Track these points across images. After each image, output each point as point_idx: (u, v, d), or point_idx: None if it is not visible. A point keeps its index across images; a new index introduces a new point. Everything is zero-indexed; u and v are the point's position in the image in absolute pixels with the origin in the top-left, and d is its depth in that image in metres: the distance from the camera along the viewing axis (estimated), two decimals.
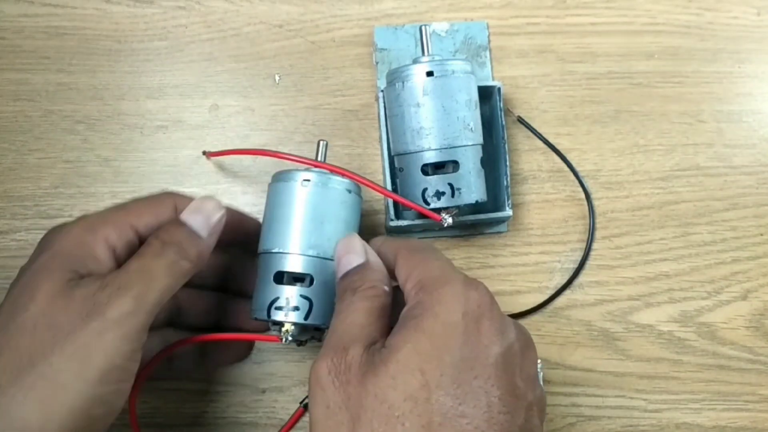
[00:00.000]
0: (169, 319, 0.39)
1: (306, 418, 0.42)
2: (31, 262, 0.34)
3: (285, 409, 0.43)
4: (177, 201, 0.37)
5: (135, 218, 0.36)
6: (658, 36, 0.49)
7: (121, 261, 0.35)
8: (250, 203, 0.46)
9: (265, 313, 0.37)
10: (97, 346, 0.30)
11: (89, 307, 0.31)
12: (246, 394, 0.43)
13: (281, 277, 0.37)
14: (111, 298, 0.31)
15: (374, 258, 0.35)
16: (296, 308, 0.37)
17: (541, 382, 0.42)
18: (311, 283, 0.37)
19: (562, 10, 0.49)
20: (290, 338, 0.37)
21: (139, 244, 0.36)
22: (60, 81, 0.47)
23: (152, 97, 0.47)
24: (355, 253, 0.35)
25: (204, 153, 0.45)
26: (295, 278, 0.38)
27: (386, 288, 0.34)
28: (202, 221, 0.36)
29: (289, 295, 0.37)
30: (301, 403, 0.42)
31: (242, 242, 0.41)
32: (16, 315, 0.31)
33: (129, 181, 0.46)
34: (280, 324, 0.37)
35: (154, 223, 0.36)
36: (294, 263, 0.37)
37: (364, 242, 0.36)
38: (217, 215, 0.36)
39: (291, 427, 0.39)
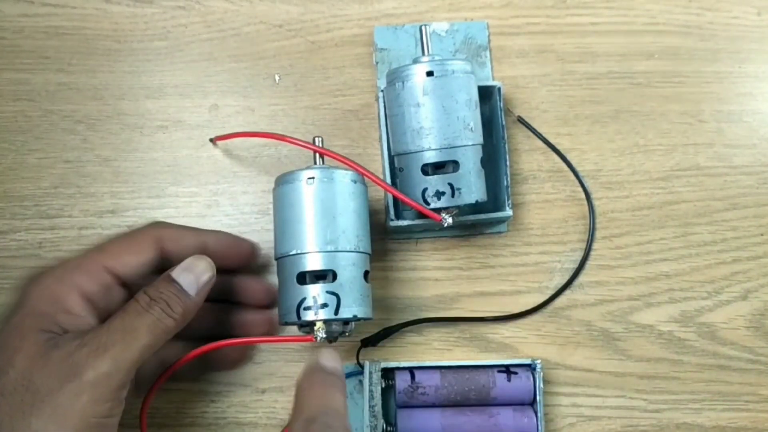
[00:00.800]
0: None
1: None
2: (7, 318, 0.34)
3: (285, 410, 0.43)
4: (163, 234, 0.38)
5: (112, 260, 0.36)
6: (658, 36, 0.49)
7: (99, 308, 0.35)
8: (250, 203, 0.46)
9: (295, 315, 0.37)
10: (73, 407, 0.31)
11: (66, 368, 0.32)
12: (246, 394, 0.43)
13: (303, 278, 0.38)
14: (89, 359, 0.32)
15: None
16: (324, 305, 0.37)
17: (542, 383, 0.42)
18: (334, 278, 0.37)
19: (562, 10, 0.49)
20: (324, 336, 0.37)
21: (119, 285, 0.37)
22: (60, 81, 0.47)
23: (152, 97, 0.47)
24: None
25: (211, 140, 0.46)
26: (317, 276, 0.38)
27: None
28: (193, 280, 0.36)
29: (315, 293, 0.37)
30: None
31: (238, 266, 0.42)
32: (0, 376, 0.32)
33: (129, 181, 0.46)
34: (312, 324, 0.37)
35: (133, 263, 0.37)
36: (314, 262, 0.37)
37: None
38: (207, 275, 0.37)
39: None
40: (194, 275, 0.37)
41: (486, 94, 0.45)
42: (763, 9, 0.50)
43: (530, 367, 0.42)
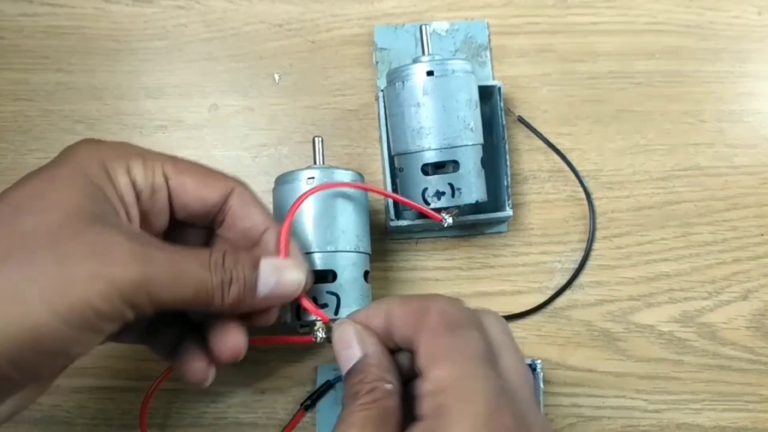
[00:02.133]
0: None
1: (306, 420, 0.43)
2: (51, 166, 0.30)
3: (285, 410, 0.43)
4: (240, 191, 0.34)
5: (174, 170, 0.33)
6: (659, 35, 0.49)
7: (141, 207, 0.32)
8: None
9: (295, 315, 0.37)
10: (81, 285, 0.27)
11: (99, 247, 0.28)
12: (246, 394, 0.43)
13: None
14: (125, 259, 0.28)
15: (373, 348, 0.30)
16: (324, 305, 0.37)
17: (542, 384, 0.42)
18: (334, 278, 0.37)
19: (563, 10, 0.49)
20: (324, 336, 0.37)
21: (167, 197, 0.33)
22: (59, 81, 0.47)
23: (152, 97, 0.47)
24: (351, 347, 0.30)
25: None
26: (317, 276, 0.38)
27: (389, 386, 0.29)
28: (273, 283, 0.32)
29: (315, 294, 0.37)
30: (301, 405, 0.42)
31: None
32: (19, 215, 0.28)
33: None
34: (312, 324, 0.37)
35: (191, 193, 0.33)
36: (314, 262, 0.37)
37: (359, 328, 0.31)
38: (290, 290, 0.33)
39: (292, 429, 0.39)
40: (277, 280, 0.32)
41: (486, 93, 0.45)
42: (763, 8, 0.50)
43: (530, 368, 0.42)
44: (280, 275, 0.32)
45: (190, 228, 0.36)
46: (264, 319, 0.35)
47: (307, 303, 0.35)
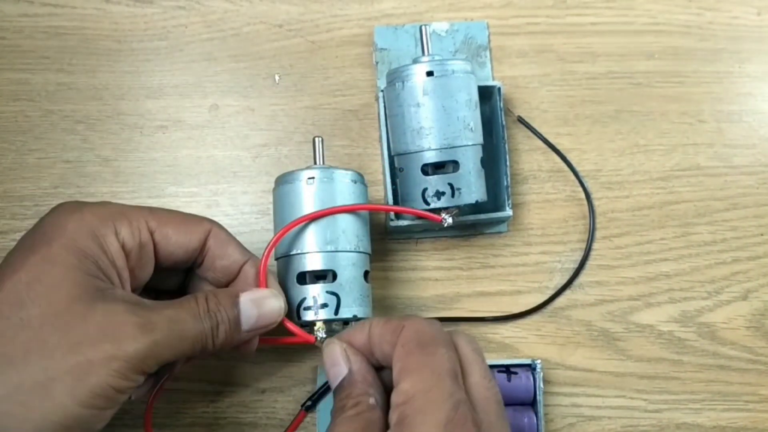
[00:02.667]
0: None
1: (307, 421, 0.43)
2: (42, 244, 0.31)
3: (285, 410, 0.43)
4: (215, 232, 0.36)
5: (156, 223, 0.34)
6: (658, 36, 0.49)
7: (130, 265, 0.34)
8: (250, 203, 0.46)
9: (295, 315, 0.37)
10: (101, 368, 0.29)
11: (109, 328, 0.29)
12: (246, 394, 0.43)
13: (303, 278, 0.38)
14: (135, 331, 0.30)
15: (358, 365, 0.32)
16: (324, 305, 0.37)
17: (542, 384, 0.42)
18: (334, 278, 0.37)
19: (563, 10, 0.49)
20: (324, 336, 0.37)
21: (152, 250, 0.34)
22: (60, 81, 0.47)
23: (152, 97, 0.47)
24: (338, 364, 0.32)
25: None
26: (317, 276, 0.38)
27: (372, 401, 0.30)
28: (254, 316, 0.34)
29: (315, 293, 0.37)
30: (302, 406, 0.42)
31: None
32: (24, 308, 0.29)
33: (129, 181, 0.46)
34: (312, 324, 0.37)
35: (173, 241, 0.34)
36: (314, 262, 0.38)
37: (345, 347, 0.33)
38: (270, 320, 0.35)
39: (293, 431, 0.39)
40: (258, 313, 0.34)
41: (486, 94, 0.45)
42: (763, 9, 0.50)
43: (530, 367, 0.42)
44: (260, 308, 0.34)
45: (170, 270, 0.37)
46: (246, 349, 0.37)
47: (291, 325, 0.36)
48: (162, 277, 0.37)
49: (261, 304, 0.35)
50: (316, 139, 0.40)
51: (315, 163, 0.40)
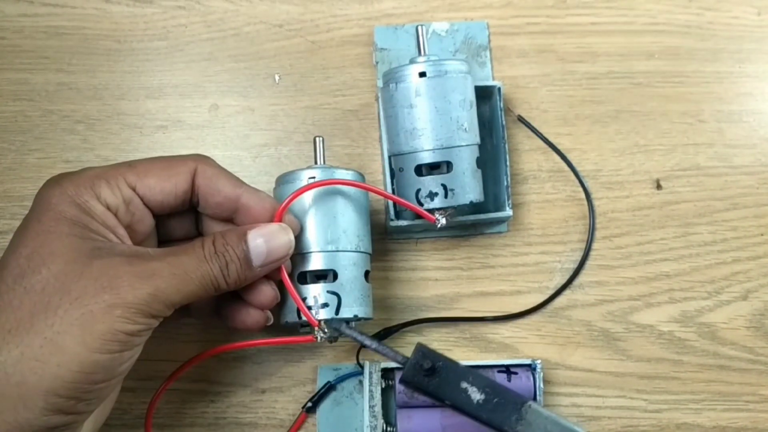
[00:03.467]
0: None
1: (308, 422, 0.43)
2: (32, 219, 0.32)
3: (285, 410, 0.43)
4: (201, 169, 0.36)
5: (135, 178, 0.34)
6: (658, 36, 0.49)
7: (124, 222, 0.34)
8: None
9: (296, 315, 0.37)
10: (103, 316, 0.30)
11: (105, 280, 0.30)
12: (246, 394, 0.43)
13: (304, 278, 0.38)
14: (132, 279, 0.31)
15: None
16: (325, 305, 0.37)
17: (542, 384, 0.42)
18: (335, 277, 0.37)
19: (563, 10, 0.49)
20: (325, 335, 0.37)
21: (145, 206, 0.35)
22: (60, 81, 0.47)
23: (152, 97, 0.47)
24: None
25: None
26: (318, 276, 0.38)
27: None
28: (264, 251, 0.34)
29: (316, 293, 0.37)
30: (303, 407, 0.42)
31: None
32: (25, 277, 0.31)
33: None
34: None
35: (157, 189, 0.35)
36: (315, 261, 0.38)
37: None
38: (281, 252, 0.35)
39: None
40: (268, 247, 0.34)
41: (486, 94, 0.45)
42: (763, 9, 0.50)
43: (530, 368, 0.42)
44: (269, 243, 0.35)
45: (176, 217, 0.38)
46: (260, 320, 0.37)
47: (290, 288, 0.36)
48: (170, 224, 0.38)
49: (270, 238, 0.35)
50: (317, 138, 0.40)
51: (316, 163, 0.40)
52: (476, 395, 0.34)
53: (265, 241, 0.35)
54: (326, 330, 0.37)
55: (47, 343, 0.29)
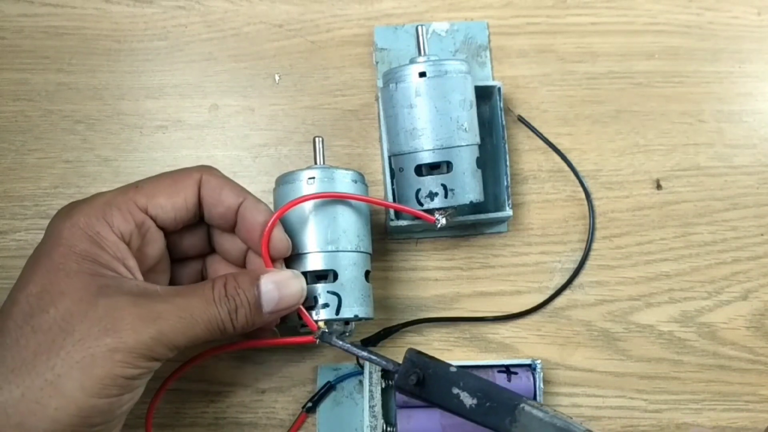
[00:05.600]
0: None
1: (308, 422, 0.43)
2: (43, 253, 0.32)
3: (285, 410, 0.43)
4: (206, 180, 0.35)
5: (146, 200, 0.34)
6: (658, 36, 0.49)
7: (134, 249, 0.34)
8: None
9: (296, 315, 0.37)
10: (104, 360, 0.30)
11: (109, 322, 0.30)
12: (246, 394, 0.43)
13: (305, 278, 0.38)
14: (134, 322, 0.31)
15: None
16: (326, 305, 0.37)
17: (542, 384, 0.42)
18: (335, 278, 0.37)
19: (563, 10, 0.49)
20: (326, 336, 0.37)
21: (157, 227, 0.35)
22: (59, 81, 0.47)
23: (152, 97, 0.47)
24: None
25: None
26: (318, 276, 0.38)
27: None
28: (275, 298, 0.34)
29: (316, 293, 0.37)
30: (303, 407, 0.42)
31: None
32: (34, 316, 0.31)
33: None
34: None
35: (168, 207, 0.35)
36: (315, 262, 0.38)
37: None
38: (292, 301, 0.35)
39: None
40: (280, 295, 0.34)
41: (486, 94, 0.45)
42: (763, 9, 0.50)
43: (530, 368, 0.42)
44: (281, 290, 0.34)
45: (187, 233, 0.37)
46: (268, 326, 0.37)
47: (305, 316, 0.37)
48: (184, 242, 0.37)
49: (282, 286, 0.35)
50: (317, 139, 0.40)
51: (315, 163, 0.40)
52: (468, 400, 0.33)
53: (277, 287, 0.34)
54: (325, 338, 0.37)
55: (47, 385, 0.29)
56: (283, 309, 0.35)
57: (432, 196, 0.40)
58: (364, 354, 0.36)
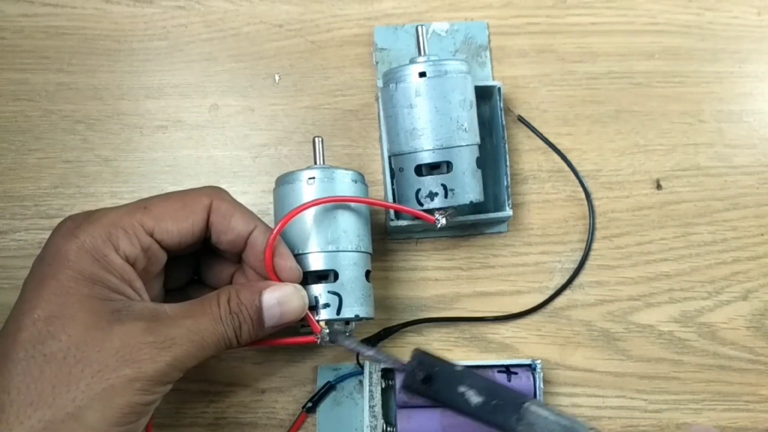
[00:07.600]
0: None
1: (308, 422, 0.43)
2: (50, 277, 0.32)
3: (285, 410, 0.43)
4: (216, 205, 0.36)
5: (153, 223, 0.34)
6: (658, 36, 0.49)
7: (140, 270, 0.34)
8: (250, 203, 0.45)
9: None
10: (124, 391, 0.30)
11: (127, 352, 0.31)
12: (246, 394, 0.43)
13: (305, 278, 0.38)
14: (152, 351, 0.31)
15: None
16: (327, 305, 0.37)
17: (542, 384, 0.42)
18: (336, 278, 0.37)
19: (563, 10, 0.49)
20: (326, 336, 0.37)
21: (158, 247, 0.35)
22: (59, 81, 0.47)
23: (152, 97, 0.47)
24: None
25: None
26: (319, 276, 0.38)
27: None
28: (277, 314, 0.35)
29: (317, 293, 0.37)
30: (303, 407, 0.42)
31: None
32: (45, 343, 0.30)
33: (129, 181, 0.46)
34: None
35: (175, 231, 0.35)
36: (316, 262, 0.38)
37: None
38: (293, 316, 0.35)
39: None
40: (282, 310, 0.35)
41: (486, 94, 0.45)
42: (763, 9, 0.50)
43: (530, 368, 0.42)
44: (283, 306, 0.35)
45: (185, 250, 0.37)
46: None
47: (311, 319, 0.37)
48: (180, 256, 0.37)
49: (284, 301, 0.35)
50: (316, 139, 0.40)
51: (315, 163, 0.40)
52: (474, 398, 0.34)
53: (280, 303, 0.35)
54: (327, 338, 0.37)
55: (69, 418, 0.30)
56: (285, 323, 0.36)
57: (432, 196, 0.40)
58: (373, 353, 0.36)
